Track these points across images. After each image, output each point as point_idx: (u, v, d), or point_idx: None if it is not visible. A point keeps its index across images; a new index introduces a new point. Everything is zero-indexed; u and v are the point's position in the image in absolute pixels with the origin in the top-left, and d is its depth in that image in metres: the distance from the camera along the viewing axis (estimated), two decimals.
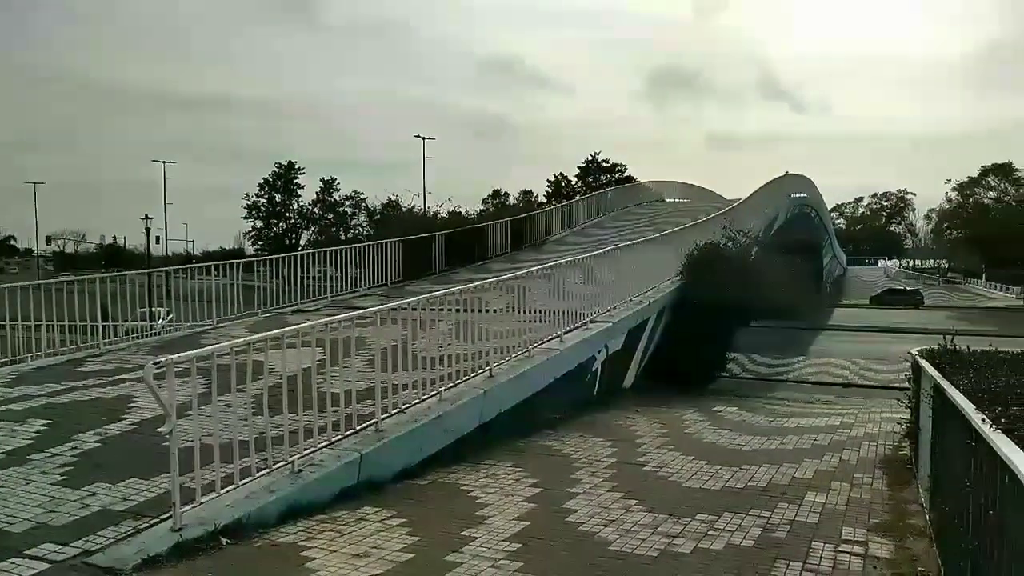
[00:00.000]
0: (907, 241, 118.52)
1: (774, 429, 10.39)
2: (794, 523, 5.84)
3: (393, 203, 33.19)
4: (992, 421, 3.33)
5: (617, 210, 34.67)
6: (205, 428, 5.69)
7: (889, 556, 5.14)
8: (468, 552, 4.96)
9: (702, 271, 16.22)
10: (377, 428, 6.80)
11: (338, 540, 5.15)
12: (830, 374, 24.94)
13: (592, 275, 13.01)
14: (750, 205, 26.52)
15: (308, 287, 15.73)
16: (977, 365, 6.05)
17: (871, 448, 8.94)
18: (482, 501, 6.18)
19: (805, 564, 4.93)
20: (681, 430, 10.02)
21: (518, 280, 10.68)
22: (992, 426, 3.23)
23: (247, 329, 11.84)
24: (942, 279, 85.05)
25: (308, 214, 73.30)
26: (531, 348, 9.96)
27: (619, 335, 13.20)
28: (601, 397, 12.20)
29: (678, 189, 43.68)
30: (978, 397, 4.21)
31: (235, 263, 14.50)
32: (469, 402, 8.01)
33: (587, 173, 73.27)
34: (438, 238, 20.32)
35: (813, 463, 7.99)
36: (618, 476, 7.23)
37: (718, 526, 5.69)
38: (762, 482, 7.13)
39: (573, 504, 6.20)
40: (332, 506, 5.92)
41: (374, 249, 17.40)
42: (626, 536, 5.39)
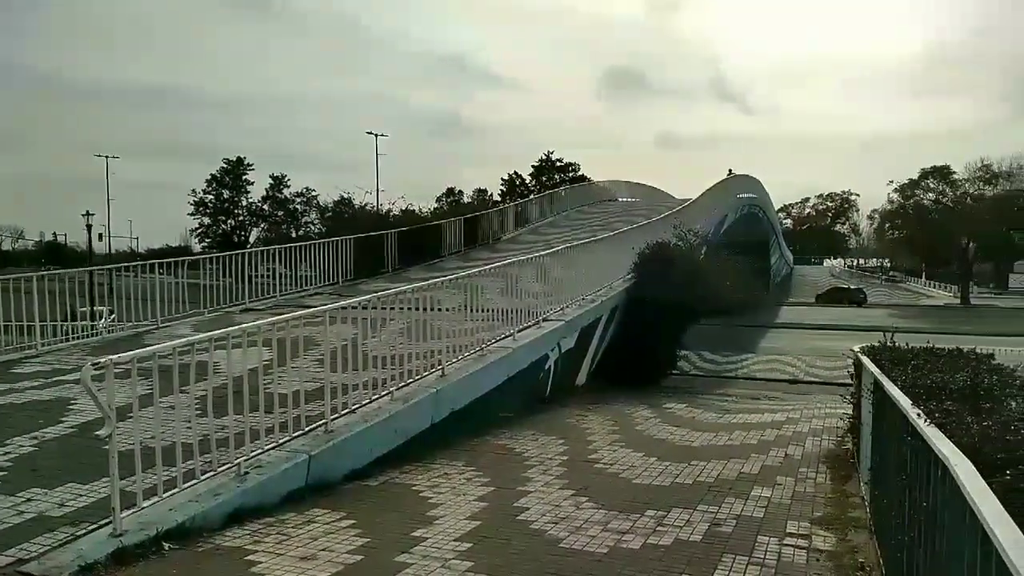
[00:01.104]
0: (851, 241, 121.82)
1: (723, 425, 10.57)
2: (740, 517, 5.95)
3: (345, 200, 32.86)
4: (927, 416, 3.43)
5: (571, 209, 34.88)
6: (147, 431, 5.54)
7: (831, 548, 5.28)
8: (418, 552, 4.93)
9: (653, 270, 16.41)
10: (327, 429, 6.71)
11: (285, 543, 5.06)
12: (778, 371, 25.50)
13: (546, 274, 13.07)
14: (700, 205, 26.95)
15: (257, 286, 15.44)
16: (915, 361, 6.23)
17: (815, 443, 9.17)
18: (433, 501, 6.15)
19: (751, 558, 5.03)
20: (632, 427, 10.13)
21: (471, 279, 10.65)
22: (926, 421, 3.33)
23: (193, 328, 11.56)
24: (884, 278, 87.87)
25: (257, 211, 71.92)
26: (484, 347, 9.95)
27: (572, 334, 13.27)
28: (554, 395, 12.26)
29: (630, 188, 44.13)
30: (915, 392, 4.34)
31: (181, 261, 14.15)
32: (421, 402, 7.96)
33: (541, 172, 73.56)
34: (391, 236, 20.15)
35: (760, 458, 8.16)
36: (569, 474, 7.27)
37: (667, 521, 5.76)
38: (710, 477, 7.24)
39: (524, 502, 6.20)
40: (280, 509, 5.82)
41: (325, 247, 17.17)
42: (576, 533, 5.42)
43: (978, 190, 60.65)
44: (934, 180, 62.20)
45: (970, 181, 61.55)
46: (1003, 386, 4.82)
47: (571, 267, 14.22)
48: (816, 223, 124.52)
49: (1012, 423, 3.28)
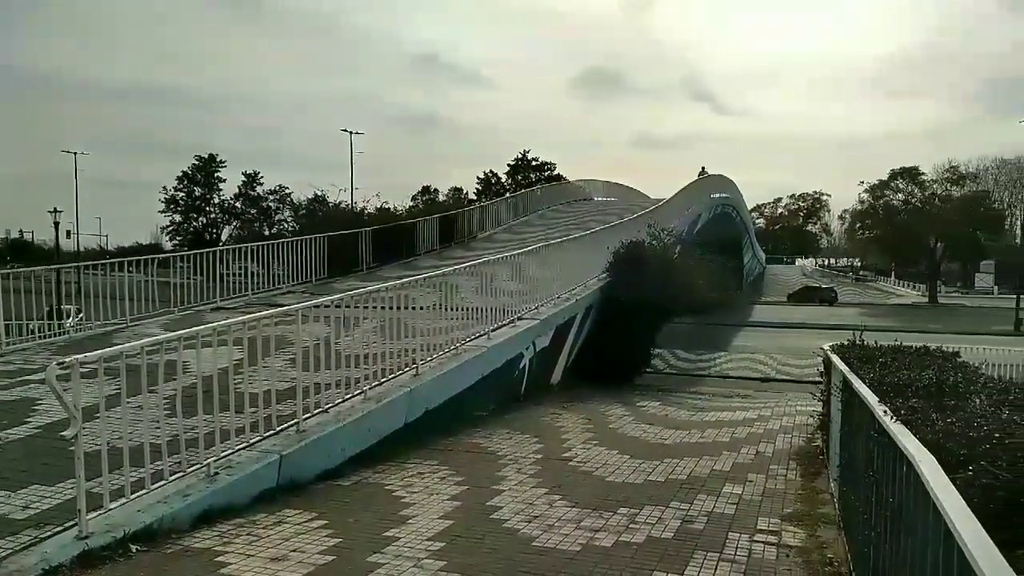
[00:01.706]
0: (822, 240, 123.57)
1: (695, 423, 10.66)
2: (712, 514, 6.00)
3: (319, 198, 32.60)
4: (893, 413, 3.48)
5: (546, 208, 34.93)
6: (115, 431, 5.46)
7: (801, 544, 5.34)
8: (391, 552, 4.90)
9: (627, 269, 16.49)
10: (299, 428, 6.65)
11: (256, 544, 5.01)
12: (750, 369, 25.79)
13: (521, 272, 13.07)
14: (674, 204, 27.14)
15: (229, 284, 15.27)
16: (883, 359, 6.33)
17: (786, 440, 9.27)
18: (406, 501, 6.12)
19: (722, 554, 5.07)
20: (606, 425, 10.18)
21: (446, 277, 10.62)
22: (893, 417, 3.38)
23: (162, 328, 11.40)
24: (854, 277, 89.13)
25: (230, 208, 71.12)
26: (458, 346, 9.93)
27: (547, 332, 13.30)
28: (529, 394, 12.27)
29: (605, 188, 44.30)
30: (882, 390, 4.41)
31: (151, 259, 13.94)
32: (394, 401, 7.92)
33: (517, 171, 73.59)
34: (365, 234, 20.02)
35: (731, 455, 8.23)
36: (543, 472, 7.28)
37: (639, 519, 5.79)
38: (683, 475, 7.30)
39: (498, 501, 6.20)
40: (251, 509, 5.77)
41: (299, 245, 17.02)
42: (549, 532, 5.43)
43: (946, 191, 61.81)
44: (903, 181, 63.23)
45: (938, 182, 62.73)
46: (967, 383, 4.92)
47: (546, 266, 14.24)
48: (788, 223, 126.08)
49: (975, 419, 3.35)
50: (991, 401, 4.28)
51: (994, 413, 3.62)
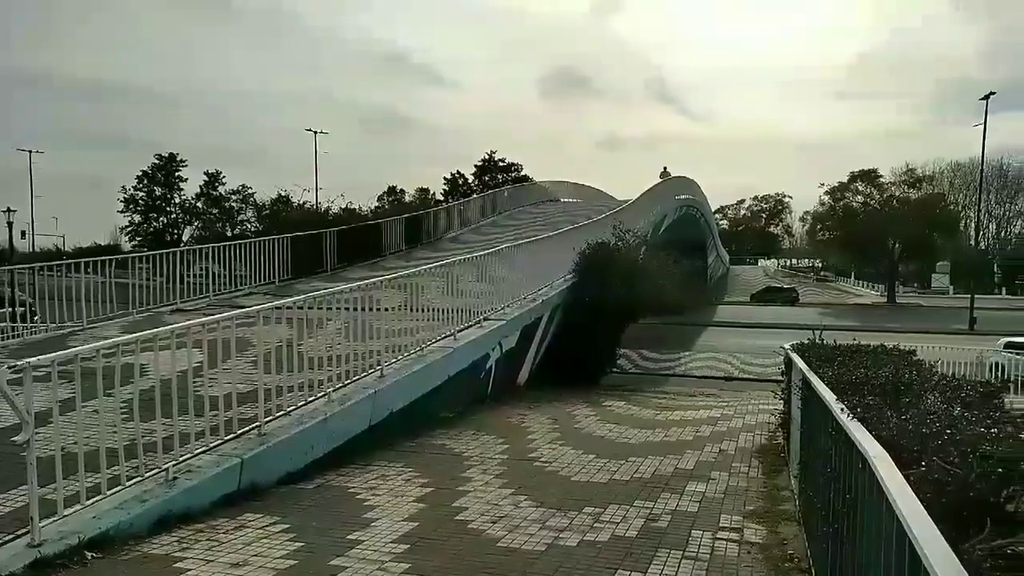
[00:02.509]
0: (784, 241, 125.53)
1: (660, 422, 10.75)
2: (676, 512, 6.06)
3: (283, 198, 32.25)
4: (850, 410, 3.55)
5: (513, 209, 35.00)
6: (70, 436, 5.33)
7: (762, 541, 5.42)
8: (354, 556, 4.86)
9: (593, 270, 16.59)
10: (260, 432, 6.56)
11: (215, 549, 4.93)
12: (714, 368, 26.10)
13: (487, 273, 13.06)
14: (639, 206, 27.35)
15: (190, 285, 15.01)
16: (841, 358, 6.45)
17: (748, 438, 9.40)
18: (370, 503, 6.08)
19: (685, 552, 5.12)
20: (572, 425, 10.21)
21: (411, 278, 10.57)
22: (849, 415, 3.45)
23: (120, 330, 11.16)
24: (815, 277, 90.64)
25: (191, 208, 69.87)
26: (424, 347, 9.89)
27: (513, 333, 13.31)
28: (495, 394, 12.27)
29: (572, 189, 44.53)
30: (840, 388, 4.48)
31: (109, 260, 13.63)
32: (358, 403, 7.85)
33: (484, 172, 73.45)
34: (330, 235, 19.84)
35: (695, 454, 8.32)
36: (509, 473, 7.28)
37: (604, 518, 5.83)
38: (647, 474, 7.35)
39: (463, 502, 6.19)
40: (211, 514, 5.68)
41: (261, 246, 16.79)
42: (515, 532, 5.43)
43: (903, 193, 63.19)
44: (862, 183, 64.51)
45: (896, 184, 64.13)
46: (922, 381, 5.02)
47: (513, 267, 14.25)
48: (751, 224, 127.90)
49: (928, 416, 3.42)
50: (944, 398, 4.38)
51: (946, 410, 3.70)
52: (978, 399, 4.56)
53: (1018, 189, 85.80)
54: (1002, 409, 4.40)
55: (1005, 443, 3.02)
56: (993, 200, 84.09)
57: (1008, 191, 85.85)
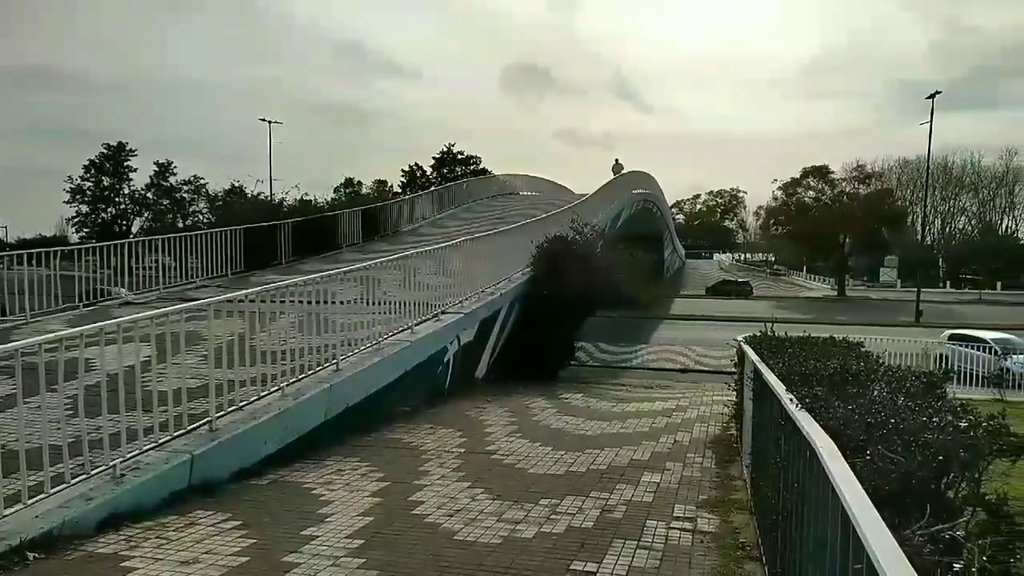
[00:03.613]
0: (739, 236, 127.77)
1: (616, 414, 10.85)
2: (631, 503, 6.12)
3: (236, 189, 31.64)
4: (799, 401, 3.62)
5: (472, 202, 34.87)
6: (11, 433, 5.16)
7: (715, 530, 5.51)
8: (308, 551, 4.80)
9: (551, 263, 16.63)
10: (211, 427, 6.43)
11: (165, 547, 4.82)
12: (670, 360, 26.39)
13: (445, 266, 13.01)
14: (597, 200, 27.53)
15: (140, 278, 14.65)
16: (792, 350, 6.57)
17: (702, 429, 9.55)
18: (325, 498, 6.01)
19: (639, 542, 5.18)
20: (529, 418, 10.25)
21: (368, 271, 10.47)
22: (798, 405, 3.52)
23: (65, 324, 10.84)
24: (768, 271, 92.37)
25: (141, 199, 68.14)
26: (381, 340, 9.81)
27: (472, 326, 13.28)
28: (453, 388, 12.24)
29: (531, 182, 44.53)
30: (790, 379, 4.57)
31: (54, 251, 13.21)
32: (313, 397, 7.75)
33: (442, 164, 73.06)
34: (284, 227, 19.53)
35: (651, 445, 8.42)
36: (466, 466, 7.27)
37: (560, 510, 5.86)
38: (603, 465, 7.42)
39: (420, 496, 6.16)
40: (160, 511, 5.56)
41: (214, 238, 16.45)
42: (471, 525, 5.43)
43: (853, 189, 64.66)
44: (814, 179, 65.78)
45: (846, 180, 65.57)
46: (869, 372, 5.15)
47: (471, 260, 14.22)
48: (707, 219, 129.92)
49: (873, 406, 3.51)
50: (890, 389, 4.50)
51: (891, 400, 3.80)
52: (922, 389, 4.69)
53: (961, 186, 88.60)
54: (944, 399, 4.54)
55: (945, 432, 3.11)
56: (938, 196, 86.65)
57: (952, 188, 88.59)
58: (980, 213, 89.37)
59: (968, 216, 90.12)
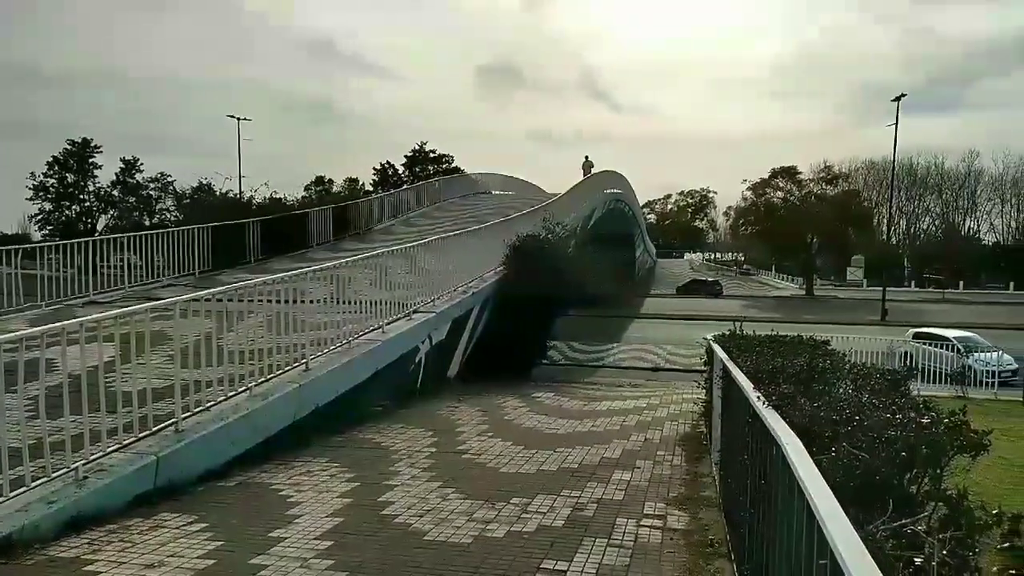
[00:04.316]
0: (709, 236, 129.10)
1: (588, 412, 10.89)
2: (601, 501, 6.14)
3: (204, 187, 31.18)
4: (766, 398, 3.66)
5: (444, 200, 34.75)
6: None
7: (684, 527, 5.55)
8: (276, 553, 4.75)
9: (523, 262, 16.66)
10: (177, 428, 6.33)
11: (129, 551, 4.73)
12: (641, 359, 26.57)
13: (417, 265, 12.95)
14: (568, 199, 27.59)
15: (105, 277, 14.37)
16: (760, 348, 6.65)
17: (672, 427, 9.62)
18: (294, 500, 5.95)
19: (610, 540, 5.20)
20: (501, 417, 10.24)
21: (339, 270, 10.38)
22: (765, 403, 3.55)
23: (27, 323, 10.60)
24: (738, 271, 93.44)
25: (106, 197, 66.82)
26: (351, 340, 9.73)
27: (444, 325, 13.24)
28: (425, 387, 12.19)
29: (503, 182, 44.52)
30: (758, 377, 4.62)
31: (15, 249, 12.91)
32: (282, 397, 7.67)
33: (414, 163, 72.75)
34: (253, 225, 19.29)
35: (621, 443, 8.46)
36: (437, 466, 7.24)
37: (531, 509, 5.86)
38: (574, 463, 7.43)
39: (390, 496, 6.12)
40: (125, 514, 5.46)
41: (181, 236, 16.20)
42: (441, 525, 5.41)
43: (821, 189, 65.65)
44: (783, 180, 66.67)
45: (814, 181, 66.57)
46: (835, 369, 5.23)
47: (443, 259, 14.18)
48: (677, 218, 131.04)
49: (838, 403, 3.56)
50: (855, 386, 4.57)
51: (856, 397, 3.86)
52: (886, 387, 4.77)
53: (926, 187, 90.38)
54: (908, 396, 4.62)
55: (908, 429, 3.16)
56: (904, 197, 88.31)
57: (917, 189, 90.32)
58: (943, 214, 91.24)
59: (932, 217, 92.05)
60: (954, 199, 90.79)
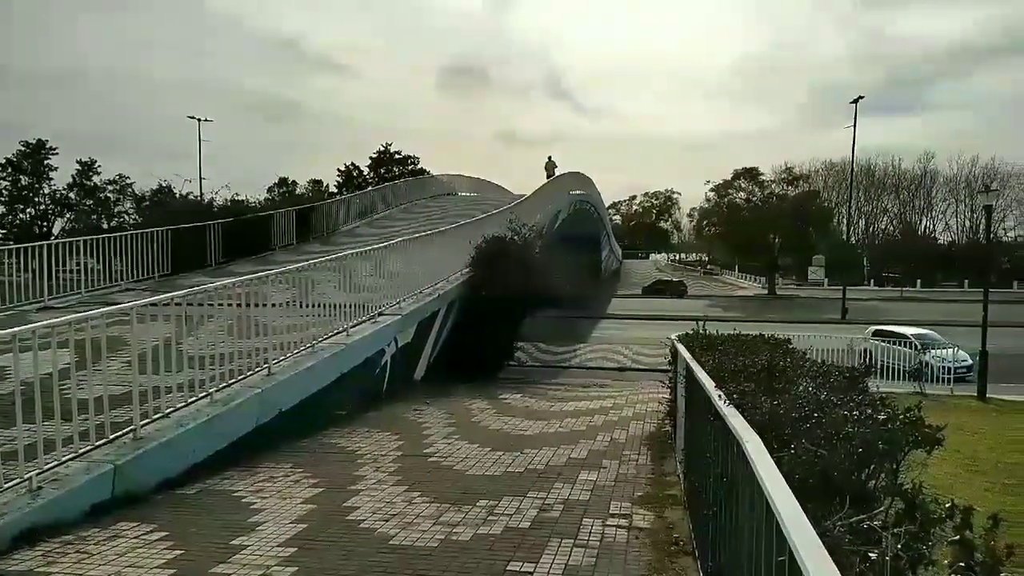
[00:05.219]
0: (674, 236, 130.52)
1: (555, 413, 10.91)
2: (568, 502, 6.15)
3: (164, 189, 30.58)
4: (727, 397, 3.70)
5: (410, 202, 34.61)
6: None
7: (650, 526, 5.58)
8: (237, 561, 4.67)
9: (490, 264, 16.64)
10: (136, 436, 6.20)
11: (85, 562, 4.62)
12: (608, 359, 26.72)
13: (382, 267, 12.87)
14: (534, 201, 27.64)
15: (61, 281, 14.02)
16: (722, 347, 6.73)
17: (638, 426, 9.68)
18: (257, 506, 5.86)
19: (576, 540, 5.21)
20: (468, 419, 10.21)
21: (302, 272, 10.26)
22: (726, 401, 3.59)
23: None
24: (702, 271, 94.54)
25: (62, 199, 65.24)
26: (315, 343, 9.63)
27: (410, 328, 13.17)
28: (391, 390, 12.11)
29: (469, 183, 44.48)
30: (720, 376, 4.68)
31: None
32: (244, 403, 7.55)
33: (380, 164, 72.22)
34: (214, 227, 18.97)
35: (588, 443, 8.49)
36: (403, 469, 7.19)
37: (498, 511, 5.85)
38: (541, 465, 7.44)
39: (355, 501, 6.06)
40: (82, 525, 5.33)
41: (140, 239, 15.88)
42: (407, 529, 5.37)
43: (782, 190, 66.74)
44: (745, 180, 67.65)
45: (775, 182, 67.65)
46: (795, 367, 5.31)
47: (409, 260, 14.11)
48: (642, 220, 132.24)
49: (798, 401, 3.61)
50: (815, 384, 4.64)
51: (815, 395, 3.92)
52: (845, 384, 4.86)
53: (883, 188, 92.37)
54: (866, 393, 4.71)
55: (865, 425, 3.22)
56: (863, 198, 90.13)
57: (875, 190, 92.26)
58: (901, 214, 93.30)
59: (890, 217, 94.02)
60: (911, 199, 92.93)
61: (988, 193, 24.10)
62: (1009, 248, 78.89)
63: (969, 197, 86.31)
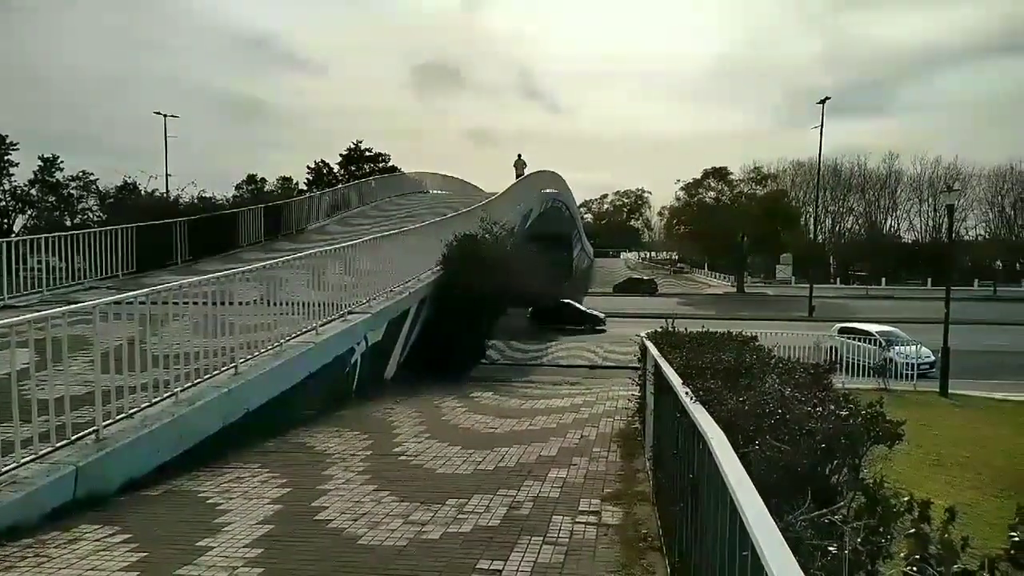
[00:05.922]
0: (644, 235, 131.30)
1: (525, 411, 10.93)
2: (538, 499, 6.16)
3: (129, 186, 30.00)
4: (694, 393, 3.73)
5: (381, 200, 34.42)
6: None
7: (618, 523, 5.61)
8: (203, 563, 4.60)
9: (461, 262, 16.62)
10: (98, 436, 6.08)
11: (45, 566, 4.52)
12: (579, 357, 26.85)
13: (352, 265, 12.77)
14: (506, 199, 27.67)
15: (22, 279, 13.70)
16: (691, 344, 6.79)
17: (608, 424, 9.73)
18: (223, 507, 5.78)
19: (545, 537, 5.22)
20: (439, 418, 10.19)
21: (270, 270, 10.15)
22: (693, 398, 3.62)
23: None
24: (672, 269, 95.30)
25: (23, 196, 63.81)
26: (283, 342, 9.53)
27: (380, 326, 13.09)
28: (361, 390, 12.03)
29: (440, 181, 44.37)
30: (687, 373, 4.71)
31: None
32: (210, 402, 7.45)
33: (350, 161, 71.69)
34: (180, 225, 18.67)
35: (558, 441, 8.52)
36: (372, 468, 7.15)
37: (467, 509, 5.84)
38: (511, 462, 7.45)
39: (323, 501, 6.01)
40: (42, 528, 5.22)
41: (104, 236, 15.57)
42: (376, 529, 5.34)
43: (751, 189, 67.53)
44: (714, 180, 68.35)
45: (744, 181, 68.43)
46: (761, 364, 5.37)
47: (379, 258, 14.02)
48: (613, 218, 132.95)
49: (762, 398, 3.66)
50: (780, 380, 4.70)
51: (780, 391, 3.97)
52: (809, 381, 4.94)
53: (849, 188, 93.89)
54: (829, 390, 4.78)
55: (828, 421, 3.27)
56: (829, 197, 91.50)
57: (841, 189, 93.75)
58: (867, 213, 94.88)
59: (856, 216, 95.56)
60: (876, 199, 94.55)
61: (950, 193, 24.64)
62: (971, 247, 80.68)
63: (932, 197, 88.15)
